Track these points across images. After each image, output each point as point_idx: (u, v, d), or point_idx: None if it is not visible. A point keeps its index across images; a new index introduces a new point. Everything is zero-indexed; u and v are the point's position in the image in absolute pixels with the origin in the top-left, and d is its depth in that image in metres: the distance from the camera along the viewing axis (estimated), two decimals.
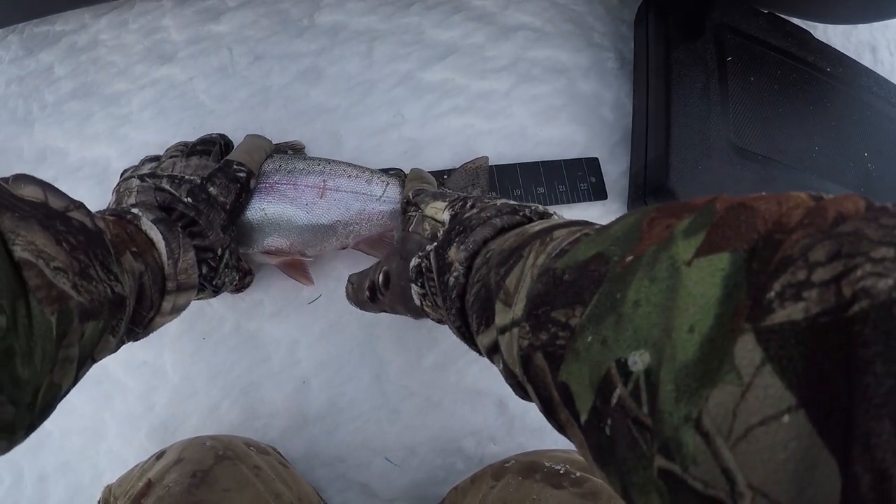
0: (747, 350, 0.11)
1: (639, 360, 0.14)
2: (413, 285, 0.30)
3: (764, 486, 0.10)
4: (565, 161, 0.51)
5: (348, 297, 0.39)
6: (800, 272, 0.11)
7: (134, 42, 0.55)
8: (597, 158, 0.52)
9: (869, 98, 0.57)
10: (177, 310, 0.32)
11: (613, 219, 0.20)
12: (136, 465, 0.37)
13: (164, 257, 0.30)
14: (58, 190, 0.25)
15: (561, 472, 0.34)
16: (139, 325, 0.29)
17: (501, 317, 0.21)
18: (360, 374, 0.46)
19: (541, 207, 0.28)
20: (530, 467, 0.35)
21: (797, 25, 0.57)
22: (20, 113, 0.53)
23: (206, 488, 0.31)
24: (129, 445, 0.45)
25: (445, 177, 0.47)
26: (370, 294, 0.35)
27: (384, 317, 0.47)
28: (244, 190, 0.38)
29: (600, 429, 0.15)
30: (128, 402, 0.45)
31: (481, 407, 0.46)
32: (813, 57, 0.55)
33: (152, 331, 0.32)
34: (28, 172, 0.24)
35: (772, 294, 0.11)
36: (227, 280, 0.38)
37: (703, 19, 0.51)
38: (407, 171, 0.47)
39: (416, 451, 0.45)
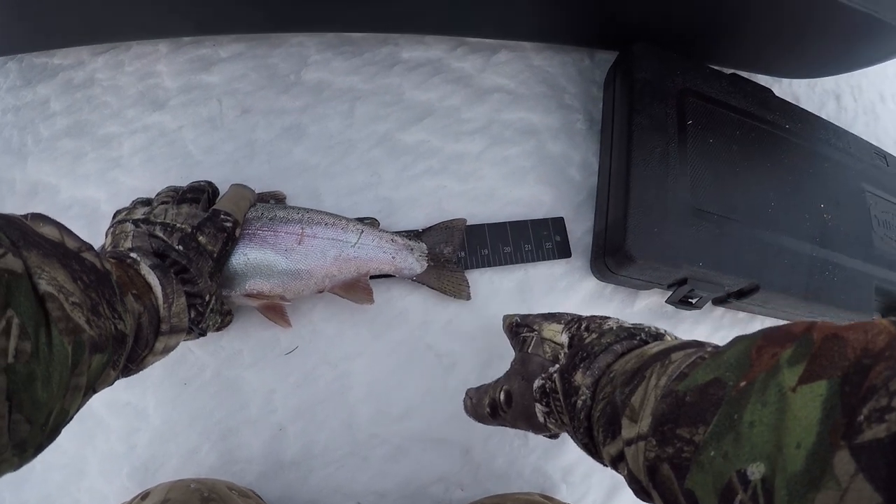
0: (844, 462, 0.14)
1: (756, 471, 0.17)
2: (538, 404, 0.33)
3: None
4: (532, 221, 0.53)
5: (466, 410, 0.39)
6: (882, 399, 0.14)
7: (128, 85, 0.56)
8: (562, 218, 0.54)
9: (826, 150, 0.60)
10: (167, 350, 0.35)
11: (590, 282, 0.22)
12: None
13: (160, 301, 0.33)
14: (71, 231, 0.27)
15: None
16: (133, 361, 0.32)
17: (628, 431, 0.25)
18: (332, 422, 0.48)
19: (653, 328, 0.31)
20: None
21: (759, 84, 0.59)
22: (15, 144, 0.54)
23: None
24: (110, 484, 0.46)
25: (420, 230, 0.50)
26: (491, 411, 0.37)
27: (356, 368, 0.49)
28: (230, 239, 0.40)
29: None
30: (110, 441, 0.47)
31: (448, 454, 0.48)
32: (773, 115, 0.58)
33: (143, 368, 0.34)
34: (20, 206, 0.26)
35: (861, 417, 0.15)
36: (210, 323, 0.40)
37: (667, 84, 0.53)
38: (382, 223, 0.49)
39: (386, 497, 0.47)
